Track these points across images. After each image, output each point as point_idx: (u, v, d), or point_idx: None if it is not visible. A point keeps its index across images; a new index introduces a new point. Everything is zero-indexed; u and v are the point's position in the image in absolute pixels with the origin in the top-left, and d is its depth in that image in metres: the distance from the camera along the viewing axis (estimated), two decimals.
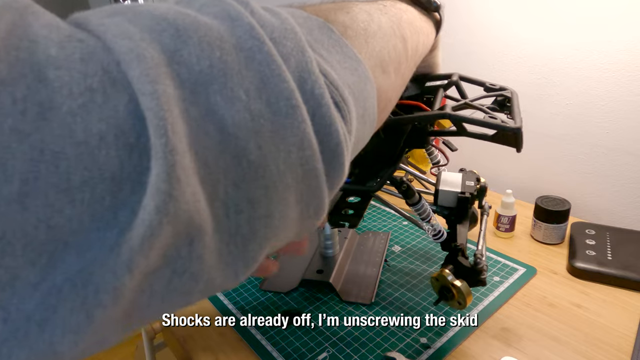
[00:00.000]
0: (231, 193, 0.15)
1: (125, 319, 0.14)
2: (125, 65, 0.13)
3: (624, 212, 0.73)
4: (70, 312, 0.12)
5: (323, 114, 0.18)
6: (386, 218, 0.76)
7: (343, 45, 0.22)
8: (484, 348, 0.48)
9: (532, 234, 0.68)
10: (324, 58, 0.20)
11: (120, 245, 0.13)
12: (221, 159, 0.15)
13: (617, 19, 0.64)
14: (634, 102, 0.66)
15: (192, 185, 0.14)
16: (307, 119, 0.17)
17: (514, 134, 0.39)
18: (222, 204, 0.15)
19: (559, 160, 0.78)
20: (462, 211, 0.49)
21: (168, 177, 0.13)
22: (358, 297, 0.56)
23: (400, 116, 0.42)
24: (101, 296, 0.13)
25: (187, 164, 0.14)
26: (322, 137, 0.18)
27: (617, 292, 0.55)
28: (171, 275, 0.15)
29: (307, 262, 0.63)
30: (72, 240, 0.12)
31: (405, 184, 0.46)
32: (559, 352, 0.47)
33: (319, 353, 0.48)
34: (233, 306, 0.56)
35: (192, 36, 0.15)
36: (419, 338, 0.49)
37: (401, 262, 0.63)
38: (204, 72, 0.15)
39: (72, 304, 0.12)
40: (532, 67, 0.77)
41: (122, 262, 0.13)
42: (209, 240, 0.15)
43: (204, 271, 0.15)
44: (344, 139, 0.19)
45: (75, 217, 0.12)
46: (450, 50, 0.89)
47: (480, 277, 0.44)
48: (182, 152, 0.14)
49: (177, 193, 0.13)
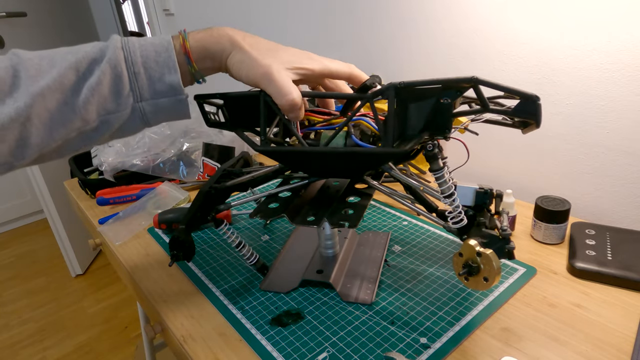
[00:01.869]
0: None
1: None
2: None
3: (624, 212, 0.73)
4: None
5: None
6: (386, 218, 0.76)
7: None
8: (484, 348, 0.48)
9: (532, 234, 0.68)
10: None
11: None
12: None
13: (617, 19, 0.64)
14: (633, 102, 0.66)
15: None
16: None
17: (535, 104, 0.40)
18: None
19: (559, 160, 0.78)
20: (481, 208, 0.49)
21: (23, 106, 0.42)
22: (358, 297, 0.56)
23: (426, 79, 0.43)
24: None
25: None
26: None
27: (617, 292, 0.55)
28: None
29: (307, 262, 0.63)
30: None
31: (433, 143, 0.44)
32: (559, 352, 0.47)
33: (319, 353, 0.48)
34: (233, 306, 0.56)
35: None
36: (419, 338, 0.49)
37: (401, 262, 0.63)
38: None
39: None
40: (532, 67, 0.77)
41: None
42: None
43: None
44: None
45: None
46: (451, 51, 0.89)
47: (508, 246, 0.43)
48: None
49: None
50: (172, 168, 0.93)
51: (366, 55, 1.08)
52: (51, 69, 0.43)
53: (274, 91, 0.45)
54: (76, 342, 1.71)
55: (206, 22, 1.65)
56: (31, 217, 2.70)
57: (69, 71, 0.43)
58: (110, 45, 0.44)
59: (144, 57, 0.45)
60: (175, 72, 0.45)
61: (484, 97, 0.41)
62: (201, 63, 0.47)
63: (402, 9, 0.95)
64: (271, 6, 1.32)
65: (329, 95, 0.53)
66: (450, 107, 0.43)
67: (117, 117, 0.46)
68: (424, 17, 0.91)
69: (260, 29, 1.40)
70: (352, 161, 0.49)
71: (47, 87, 0.42)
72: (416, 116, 0.46)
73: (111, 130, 0.46)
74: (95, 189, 0.92)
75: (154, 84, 0.45)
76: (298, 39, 1.28)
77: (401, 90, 0.44)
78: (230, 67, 0.47)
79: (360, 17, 1.06)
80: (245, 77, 0.46)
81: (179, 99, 0.47)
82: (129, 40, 0.45)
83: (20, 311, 1.91)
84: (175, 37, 0.47)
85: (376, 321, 0.52)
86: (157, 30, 1.89)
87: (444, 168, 0.45)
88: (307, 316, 0.54)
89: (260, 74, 0.45)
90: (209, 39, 0.47)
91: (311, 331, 0.51)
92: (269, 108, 0.49)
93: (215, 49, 0.47)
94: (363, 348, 0.48)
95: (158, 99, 0.46)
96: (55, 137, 0.44)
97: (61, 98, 0.43)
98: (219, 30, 0.47)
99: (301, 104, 0.46)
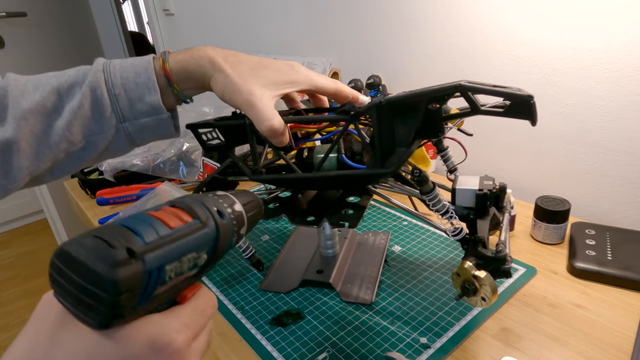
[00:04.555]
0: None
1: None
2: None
3: (624, 212, 0.73)
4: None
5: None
6: (386, 218, 0.76)
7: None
8: (484, 348, 0.48)
9: (532, 234, 0.68)
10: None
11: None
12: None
13: (617, 19, 0.64)
14: (633, 102, 0.66)
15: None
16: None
17: (528, 103, 0.38)
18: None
19: (559, 160, 0.78)
20: (481, 210, 0.48)
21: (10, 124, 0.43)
22: (358, 297, 0.56)
23: (410, 92, 0.41)
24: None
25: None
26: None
27: (617, 292, 0.55)
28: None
29: (307, 262, 0.63)
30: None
31: (418, 170, 0.44)
32: (559, 352, 0.47)
33: (319, 353, 0.48)
34: (233, 306, 0.56)
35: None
36: (419, 338, 0.49)
37: (401, 262, 0.63)
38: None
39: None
40: (532, 67, 0.77)
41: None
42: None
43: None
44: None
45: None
46: (451, 51, 0.89)
47: (504, 267, 0.42)
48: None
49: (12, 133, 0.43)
50: (172, 168, 0.93)
51: (366, 55, 1.08)
52: (35, 92, 0.44)
53: (254, 118, 0.45)
54: None
55: (206, 22, 1.65)
56: (31, 217, 2.71)
57: (51, 94, 0.44)
58: (92, 69, 0.45)
59: (124, 78, 0.46)
60: (155, 92, 0.46)
61: (473, 100, 0.40)
62: (183, 84, 0.48)
63: (403, 8, 0.95)
64: (271, 6, 1.32)
65: (310, 119, 0.52)
66: (439, 112, 0.42)
67: (102, 138, 0.46)
68: (424, 16, 0.91)
69: (261, 29, 1.40)
70: (344, 182, 0.49)
71: (29, 110, 0.43)
72: (405, 128, 0.44)
73: (98, 150, 0.47)
74: (95, 189, 0.92)
75: (135, 105, 0.46)
76: (298, 39, 1.28)
77: (384, 108, 0.43)
78: (214, 90, 0.47)
79: (360, 17, 1.06)
80: (229, 101, 0.46)
81: (160, 118, 0.47)
82: (111, 63, 0.46)
83: (20, 311, 1.91)
84: (157, 58, 0.47)
85: (376, 321, 0.52)
86: (157, 30, 1.89)
87: (434, 189, 0.45)
88: (307, 316, 0.54)
89: (242, 101, 0.45)
90: (189, 60, 0.47)
91: (311, 331, 0.51)
92: (256, 133, 0.48)
93: (195, 70, 0.47)
94: (363, 348, 0.48)
95: (140, 119, 0.47)
96: (42, 158, 0.45)
97: (45, 120, 0.44)
98: (199, 51, 0.47)
99: (283, 130, 0.45)
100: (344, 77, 1.16)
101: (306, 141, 0.53)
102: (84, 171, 1.01)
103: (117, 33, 2.54)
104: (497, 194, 0.49)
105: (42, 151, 0.44)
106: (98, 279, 0.20)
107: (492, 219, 0.48)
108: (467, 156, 0.55)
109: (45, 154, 0.45)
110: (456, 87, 0.39)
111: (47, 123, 0.44)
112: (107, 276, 0.20)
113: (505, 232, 0.47)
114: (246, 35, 1.48)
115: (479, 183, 0.49)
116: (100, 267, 0.20)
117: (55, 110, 0.44)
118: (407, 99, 0.42)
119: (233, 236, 0.28)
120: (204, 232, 0.25)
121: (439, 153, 0.59)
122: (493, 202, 0.49)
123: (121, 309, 0.21)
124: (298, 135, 0.54)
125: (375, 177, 0.47)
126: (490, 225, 0.48)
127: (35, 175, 0.46)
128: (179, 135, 0.51)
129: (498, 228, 0.49)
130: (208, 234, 0.26)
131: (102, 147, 0.47)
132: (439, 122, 0.43)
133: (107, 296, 0.20)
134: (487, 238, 0.45)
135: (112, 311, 0.21)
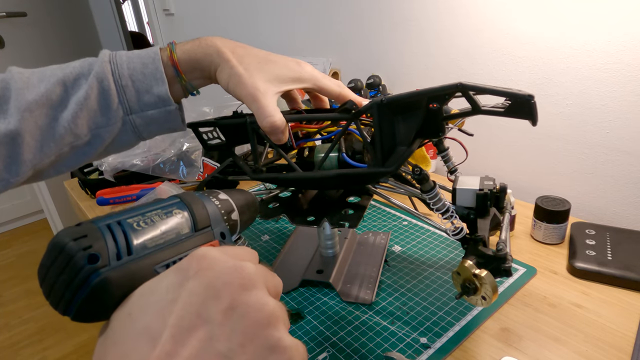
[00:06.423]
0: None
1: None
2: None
3: (624, 212, 0.73)
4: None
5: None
6: (386, 218, 0.76)
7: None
8: (484, 348, 0.48)
9: (532, 234, 0.68)
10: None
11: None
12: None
13: (618, 19, 0.64)
14: (633, 102, 0.66)
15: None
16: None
17: (528, 103, 0.38)
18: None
19: (559, 160, 0.78)
20: (482, 209, 0.48)
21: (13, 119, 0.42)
22: (358, 297, 0.56)
23: (410, 92, 0.41)
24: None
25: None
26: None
27: (617, 292, 0.55)
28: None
29: (307, 262, 0.63)
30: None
31: (419, 168, 0.44)
32: (559, 352, 0.47)
33: (319, 353, 0.48)
34: None
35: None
36: (419, 338, 0.49)
37: (401, 262, 0.63)
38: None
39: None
40: (532, 67, 0.77)
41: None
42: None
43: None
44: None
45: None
46: (452, 51, 0.89)
47: (504, 266, 0.42)
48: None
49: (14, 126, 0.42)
50: (172, 168, 0.93)
51: (366, 55, 1.08)
52: (39, 84, 0.43)
53: (256, 112, 0.45)
54: (76, 342, 1.71)
55: (206, 22, 1.65)
56: (31, 217, 2.70)
57: (56, 86, 0.43)
58: (98, 60, 0.45)
59: (131, 69, 0.45)
60: (162, 83, 0.45)
61: (474, 100, 0.40)
62: (190, 74, 0.47)
63: (404, 8, 0.95)
64: (272, 6, 1.32)
65: (311, 117, 0.53)
66: (440, 112, 0.42)
67: (109, 131, 0.46)
68: (425, 17, 0.91)
69: (261, 28, 1.40)
70: (344, 181, 0.49)
71: (34, 102, 0.42)
72: (406, 128, 0.44)
73: (104, 144, 0.46)
74: (95, 189, 0.92)
75: (142, 96, 0.45)
76: (299, 39, 1.28)
77: (385, 106, 0.43)
78: (219, 80, 0.47)
79: (360, 16, 1.06)
80: (233, 93, 0.46)
81: (168, 110, 0.46)
82: (117, 54, 0.46)
83: (20, 311, 1.91)
84: (163, 48, 0.47)
85: (376, 321, 0.52)
86: (157, 30, 1.89)
87: (435, 188, 0.45)
88: (307, 316, 0.54)
89: (245, 94, 0.45)
90: (197, 49, 0.46)
91: (311, 331, 0.51)
92: (257, 132, 0.49)
93: (203, 60, 0.46)
94: (363, 348, 0.48)
95: (147, 111, 0.46)
96: (47, 152, 0.44)
97: (50, 113, 0.43)
98: (207, 41, 0.46)
99: (284, 127, 0.45)
100: (344, 77, 1.16)
101: (307, 141, 0.53)
102: (84, 171, 1.01)
103: (117, 33, 2.54)
104: (498, 194, 0.49)
105: (46, 144, 0.43)
106: (63, 247, 0.23)
107: (493, 219, 0.48)
108: (467, 156, 0.55)
109: (49, 147, 0.44)
110: (457, 86, 0.39)
111: (52, 115, 0.43)
112: (63, 238, 0.23)
113: (505, 232, 0.47)
114: (246, 35, 1.48)
115: (480, 183, 0.49)
116: (63, 239, 0.23)
117: (60, 102, 0.43)
118: (408, 98, 0.42)
119: (223, 216, 0.31)
120: (169, 199, 0.29)
121: (440, 154, 0.59)
122: (493, 202, 0.49)
123: (98, 260, 0.23)
124: (299, 135, 0.54)
125: (376, 175, 0.47)
126: (491, 226, 0.48)
127: (38, 169, 0.45)
128: (185, 128, 0.50)
129: (498, 228, 0.49)
130: (173, 198, 0.29)
131: (107, 141, 0.46)
132: (440, 122, 0.43)
133: (69, 250, 0.23)
134: (487, 237, 0.45)
135: (88, 262, 0.23)
